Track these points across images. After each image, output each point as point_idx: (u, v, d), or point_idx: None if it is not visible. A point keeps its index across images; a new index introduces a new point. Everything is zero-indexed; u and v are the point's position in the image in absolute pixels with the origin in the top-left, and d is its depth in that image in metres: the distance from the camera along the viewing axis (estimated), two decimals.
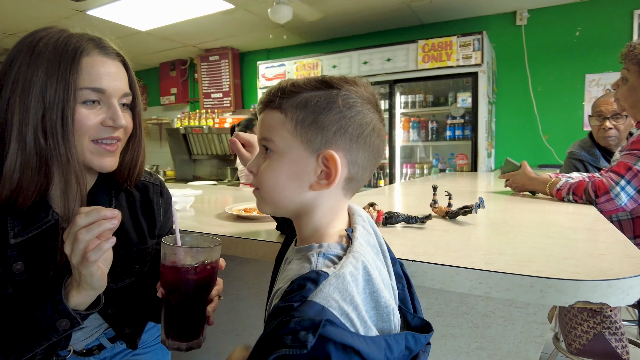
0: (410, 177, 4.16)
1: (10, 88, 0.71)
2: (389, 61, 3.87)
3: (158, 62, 6.05)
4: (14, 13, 4.04)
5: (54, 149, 0.72)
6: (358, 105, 0.59)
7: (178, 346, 0.71)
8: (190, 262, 0.69)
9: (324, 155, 0.57)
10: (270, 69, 4.48)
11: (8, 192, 0.71)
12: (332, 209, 0.62)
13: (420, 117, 4.22)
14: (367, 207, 1.04)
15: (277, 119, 0.59)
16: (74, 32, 0.77)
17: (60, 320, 0.69)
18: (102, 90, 0.75)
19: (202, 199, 1.75)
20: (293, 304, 0.48)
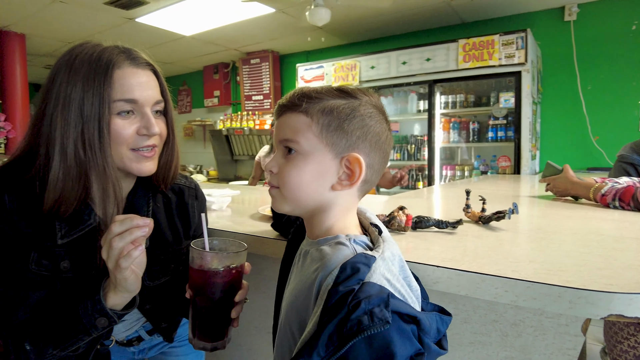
0: (451, 179, 4.07)
1: (53, 104, 0.76)
2: (428, 61, 3.81)
3: (202, 65, 6.27)
4: (72, 24, 4.32)
5: (92, 160, 0.76)
6: (375, 115, 0.65)
7: (203, 346, 0.75)
8: (216, 266, 0.72)
9: (348, 158, 0.62)
10: (309, 71, 4.52)
11: (52, 202, 0.76)
12: (346, 207, 0.66)
13: (461, 117, 4.12)
14: (396, 210, 1.04)
15: (302, 122, 0.63)
16: (106, 45, 0.82)
17: (100, 318, 0.74)
18: (135, 101, 0.79)
19: (239, 199, 1.80)
20: (353, 287, 0.50)
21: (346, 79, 4.23)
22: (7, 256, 0.76)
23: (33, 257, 0.78)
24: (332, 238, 0.62)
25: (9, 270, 0.77)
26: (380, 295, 0.50)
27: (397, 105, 4.40)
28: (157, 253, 0.92)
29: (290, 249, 0.76)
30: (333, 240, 0.62)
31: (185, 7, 3.83)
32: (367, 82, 4.17)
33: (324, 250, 0.61)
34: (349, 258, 0.55)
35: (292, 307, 0.62)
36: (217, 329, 0.75)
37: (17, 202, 0.77)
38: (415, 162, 4.32)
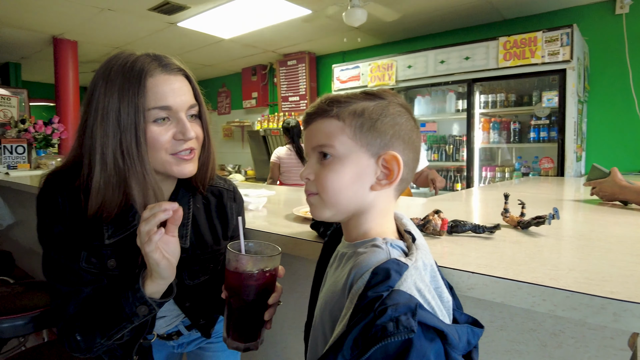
0: (490, 181, 3.95)
1: (93, 116, 0.80)
2: (467, 60, 3.72)
3: (240, 67, 6.41)
4: (119, 30, 4.54)
5: (131, 168, 0.80)
6: (403, 113, 0.65)
7: (237, 346, 0.77)
8: (250, 268, 0.74)
9: (385, 157, 0.63)
10: (345, 72, 4.52)
11: (95, 209, 0.81)
12: (384, 210, 0.67)
13: (502, 117, 3.99)
14: (431, 214, 1.03)
15: (335, 126, 0.64)
16: (139, 54, 0.84)
17: (140, 306, 0.77)
18: (169, 107, 0.81)
19: (275, 200, 1.83)
20: (382, 293, 0.51)
21: (382, 78, 4.20)
22: (61, 254, 0.82)
23: (83, 256, 0.83)
24: (369, 241, 0.63)
25: (63, 267, 0.82)
26: (408, 304, 0.50)
27: (435, 104, 4.33)
28: (197, 253, 0.95)
29: (327, 250, 0.77)
30: (369, 243, 0.62)
31: (225, 10, 3.93)
32: (404, 81, 4.13)
33: (359, 253, 0.61)
34: (382, 262, 0.56)
35: (326, 307, 0.63)
36: (250, 330, 0.77)
37: (68, 205, 0.82)
38: (454, 163, 4.23)
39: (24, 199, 3.44)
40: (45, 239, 0.83)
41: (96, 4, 3.80)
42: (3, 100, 4.99)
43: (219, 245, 1.00)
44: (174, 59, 0.86)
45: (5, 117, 4.93)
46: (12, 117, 4.88)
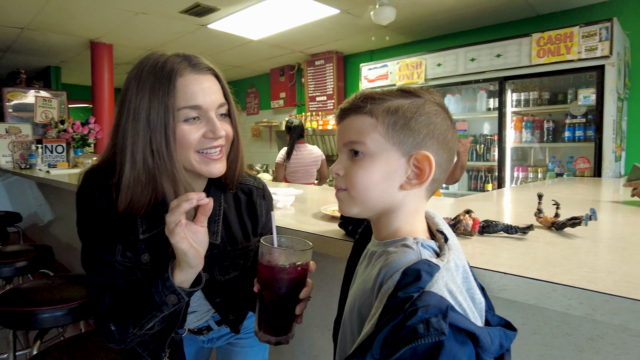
0: (523, 182, 3.85)
1: (125, 116, 0.82)
2: (498, 57, 3.63)
3: (269, 68, 6.47)
4: (152, 32, 4.67)
5: (162, 166, 0.81)
6: (440, 112, 0.64)
7: (268, 339, 0.78)
8: (283, 262, 0.74)
9: (416, 156, 0.61)
10: (373, 71, 4.50)
11: (124, 205, 0.83)
12: (415, 209, 0.65)
13: (535, 116, 3.88)
14: (462, 214, 1.01)
15: (367, 123, 0.63)
16: (169, 54, 0.85)
17: (169, 295, 0.79)
18: (199, 107, 0.82)
19: (302, 198, 1.84)
20: (412, 294, 0.50)
21: (411, 77, 4.15)
22: (99, 247, 0.86)
23: (119, 249, 0.86)
24: (399, 240, 0.62)
25: (100, 260, 0.85)
26: (439, 305, 0.49)
27: (465, 103, 4.24)
28: (227, 249, 0.97)
29: (357, 249, 0.77)
30: (400, 243, 0.61)
31: (254, 11, 3.98)
32: (433, 79, 4.07)
33: (389, 252, 0.60)
34: (412, 263, 0.55)
35: (355, 306, 0.63)
36: (281, 324, 0.78)
37: (105, 200, 0.85)
38: (484, 163, 4.13)
39: (62, 196, 3.59)
40: (84, 232, 0.87)
41: (130, 7, 3.92)
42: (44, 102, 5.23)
43: (249, 242, 1.02)
44: (204, 59, 0.87)
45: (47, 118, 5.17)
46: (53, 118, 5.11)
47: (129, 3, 3.80)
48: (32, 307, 1.49)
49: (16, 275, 2.16)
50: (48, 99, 5.26)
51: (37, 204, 4.69)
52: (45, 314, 1.49)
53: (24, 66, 5.94)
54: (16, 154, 4.79)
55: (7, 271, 2.12)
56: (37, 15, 4.14)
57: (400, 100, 0.64)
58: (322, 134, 5.27)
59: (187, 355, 1.07)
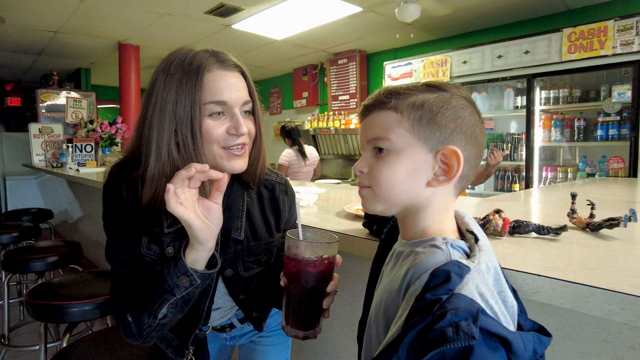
0: (551, 182, 3.73)
1: (152, 109, 0.83)
2: (527, 54, 3.53)
3: (292, 68, 6.49)
4: (177, 33, 4.74)
5: (187, 159, 0.82)
6: (467, 107, 0.62)
7: (296, 334, 0.77)
8: (309, 255, 0.74)
9: (444, 152, 0.59)
10: (397, 69, 4.45)
11: (149, 198, 0.84)
12: (443, 207, 0.63)
13: (565, 114, 3.75)
14: (491, 213, 0.98)
15: (392, 118, 0.62)
16: (198, 50, 0.86)
17: (181, 277, 0.76)
18: (224, 102, 0.83)
19: (326, 197, 1.83)
20: (441, 296, 0.49)
21: (436, 75, 4.09)
22: (123, 238, 0.86)
23: (144, 242, 0.86)
24: (428, 240, 0.60)
25: (124, 251, 0.86)
26: (469, 309, 0.47)
27: (492, 101, 4.14)
28: (251, 245, 0.97)
29: (383, 248, 0.75)
30: (428, 243, 0.59)
31: (277, 11, 3.99)
32: (459, 77, 3.99)
33: (416, 253, 0.58)
34: (442, 264, 0.53)
35: (380, 307, 0.61)
36: (309, 318, 0.77)
37: (131, 193, 0.86)
38: (512, 163, 4.03)
39: (91, 194, 3.69)
40: (109, 224, 0.88)
41: (157, 9, 3.99)
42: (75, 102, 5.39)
43: (272, 237, 1.01)
44: (231, 55, 0.88)
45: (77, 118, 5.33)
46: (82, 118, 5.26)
47: (156, 4, 3.87)
48: (62, 302, 1.53)
49: (48, 269, 2.23)
50: (78, 100, 5.42)
51: (67, 201, 4.84)
52: (74, 308, 1.53)
53: (56, 68, 6.15)
54: (48, 153, 4.95)
55: (39, 266, 2.19)
56: (69, 19, 4.27)
57: (425, 94, 0.62)
58: (345, 133, 5.25)
59: (210, 353, 1.07)
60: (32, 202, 6.13)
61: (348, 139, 5.37)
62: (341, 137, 5.42)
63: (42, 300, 1.54)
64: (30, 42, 5.13)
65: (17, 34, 4.81)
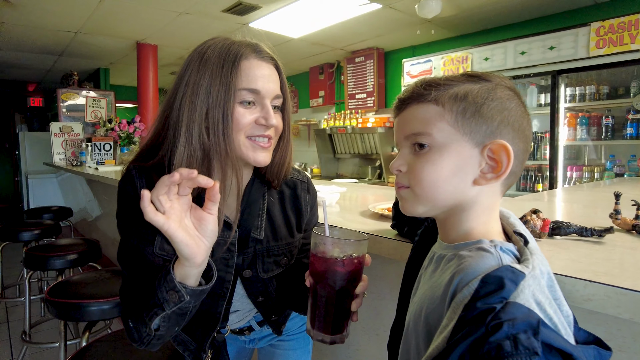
0: (577, 182, 3.61)
1: (183, 90, 0.81)
2: (551, 49, 3.42)
3: (308, 66, 6.45)
4: (194, 32, 4.75)
5: (215, 144, 0.78)
6: (513, 97, 0.58)
7: (322, 338, 0.72)
8: (338, 253, 0.69)
9: (491, 146, 0.55)
10: (416, 66, 4.37)
11: None
12: (489, 207, 0.58)
13: (591, 111, 3.63)
14: (529, 214, 0.92)
15: (433, 112, 0.57)
16: (235, 39, 0.85)
17: (170, 292, 0.70)
18: (257, 91, 0.80)
19: (346, 196, 1.79)
20: (495, 305, 0.44)
21: (456, 72, 3.99)
22: (135, 239, 0.82)
23: (157, 242, 0.82)
24: (473, 243, 0.55)
25: (135, 253, 0.82)
26: (528, 319, 0.42)
27: None
28: (271, 245, 0.93)
29: (419, 250, 0.70)
30: (474, 245, 0.54)
31: (295, 9, 3.96)
32: None
33: (462, 256, 0.53)
34: (492, 269, 0.48)
35: (421, 315, 0.56)
36: (336, 322, 0.73)
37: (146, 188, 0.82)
38: (535, 162, 3.91)
39: (109, 192, 3.71)
40: (123, 224, 0.84)
41: (175, 8, 4.00)
42: (94, 102, 5.46)
43: (293, 238, 0.97)
44: (267, 48, 0.87)
45: (96, 117, 5.40)
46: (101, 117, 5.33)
47: (174, 3, 3.88)
48: (81, 300, 1.52)
49: (67, 267, 2.23)
50: (97, 99, 5.49)
51: (86, 200, 4.89)
52: (93, 306, 1.52)
53: (76, 68, 6.23)
54: (68, 152, 5.02)
55: (59, 263, 2.20)
56: (89, 19, 4.31)
57: (468, 85, 0.57)
58: (362, 132, 5.19)
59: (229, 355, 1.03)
60: (52, 200, 6.23)
61: (365, 138, 5.30)
62: (358, 136, 5.36)
63: (62, 298, 1.53)
64: (52, 43, 5.20)
65: (39, 36, 4.89)
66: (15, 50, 5.61)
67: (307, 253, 1.01)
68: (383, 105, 5.53)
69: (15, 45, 5.32)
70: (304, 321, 1.14)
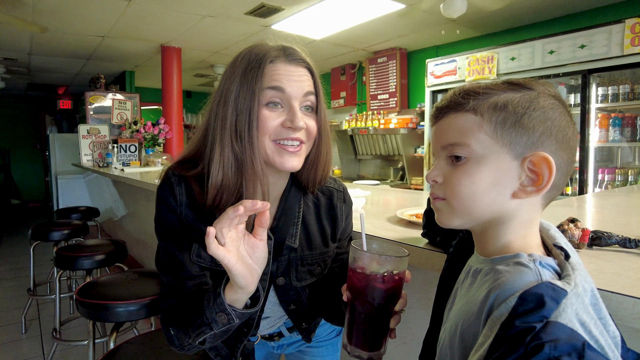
0: (608, 185, 3.48)
1: (217, 100, 0.81)
2: (582, 48, 3.31)
3: (330, 67, 6.44)
4: (217, 34, 4.80)
5: (243, 153, 0.78)
6: (557, 106, 0.55)
7: (359, 354, 0.71)
8: (378, 269, 0.67)
9: (532, 159, 0.52)
10: (440, 66, 4.30)
11: (213, 195, 0.79)
12: (528, 220, 0.56)
13: (624, 112, 3.49)
14: (566, 223, 0.88)
15: (471, 122, 0.55)
16: (267, 44, 0.83)
17: (219, 314, 0.72)
18: (282, 89, 0.78)
19: (371, 201, 1.76)
20: (534, 325, 0.42)
21: (482, 72, 3.92)
22: (174, 245, 0.83)
23: (195, 248, 0.83)
24: (511, 257, 0.52)
25: (173, 259, 0.83)
26: (572, 341, 0.40)
27: None
28: (305, 254, 0.92)
29: (454, 262, 0.68)
30: (512, 260, 0.52)
31: (318, 10, 3.95)
32: (506, 74, 3.81)
33: (499, 271, 0.51)
34: (531, 286, 0.45)
35: (456, 332, 0.54)
36: (374, 338, 0.71)
37: (186, 197, 0.82)
38: None
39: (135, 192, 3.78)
40: (161, 229, 0.85)
41: (198, 11, 4.04)
42: (120, 104, 5.57)
43: (327, 247, 0.96)
44: (300, 51, 0.84)
45: (121, 119, 5.51)
46: (127, 119, 5.43)
47: (197, 7, 3.92)
48: (110, 301, 1.54)
49: (95, 267, 2.28)
50: (123, 102, 5.60)
51: (112, 200, 5.00)
52: (120, 307, 1.54)
53: (103, 71, 6.39)
54: (95, 153, 5.14)
55: (87, 263, 2.25)
56: (116, 24, 4.40)
57: (508, 93, 0.54)
58: (384, 132, 5.14)
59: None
60: (80, 199, 6.41)
61: (387, 139, 5.26)
62: (380, 137, 5.32)
63: (91, 299, 1.56)
64: (81, 47, 5.34)
65: (68, 41, 5.03)
66: (47, 55, 5.79)
67: (340, 262, 0.99)
68: (406, 105, 5.47)
69: (47, 50, 5.49)
70: (333, 328, 1.13)
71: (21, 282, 4.01)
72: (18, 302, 3.47)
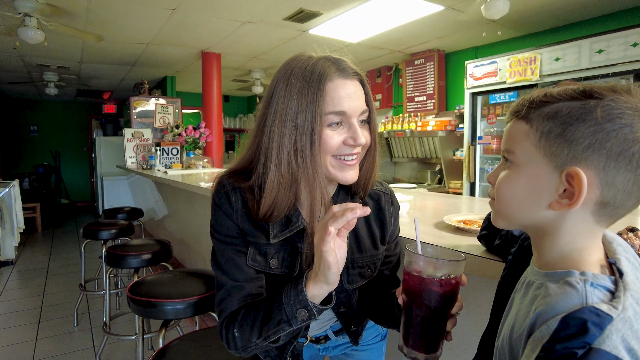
0: None
1: (272, 117, 0.83)
2: (635, 46, 3.16)
3: (365, 70, 6.35)
4: (256, 40, 4.90)
5: (303, 169, 0.81)
6: (625, 117, 0.49)
7: (415, 356, 0.72)
8: (435, 273, 0.69)
9: (568, 172, 0.51)
10: (479, 68, 4.21)
11: (267, 208, 0.83)
12: (581, 234, 0.54)
13: None
14: (624, 232, 0.85)
15: (521, 130, 0.56)
16: (317, 56, 0.85)
17: (300, 309, 0.76)
18: (344, 113, 0.81)
19: (415, 206, 1.75)
20: (576, 351, 0.41)
21: (524, 73, 3.81)
22: (230, 249, 0.87)
23: (250, 253, 0.86)
24: (563, 274, 0.51)
25: (231, 262, 0.87)
26: None
27: None
28: (356, 257, 0.94)
29: (512, 271, 0.68)
30: (562, 277, 0.51)
31: (355, 14, 3.96)
32: (550, 75, 3.68)
33: (547, 289, 0.50)
34: (574, 309, 0.44)
35: (506, 341, 0.55)
36: (431, 340, 0.72)
37: (240, 203, 0.86)
38: None
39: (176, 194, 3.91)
40: (218, 234, 0.89)
41: (238, 17, 4.14)
42: (162, 108, 5.78)
43: (377, 250, 0.97)
44: (351, 63, 0.86)
45: (164, 123, 5.72)
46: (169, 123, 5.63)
47: (238, 13, 4.02)
48: (159, 299, 1.61)
49: (142, 266, 2.38)
50: (165, 106, 5.81)
51: (154, 201, 5.19)
52: (168, 305, 1.60)
53: (146, 77, 6.65)
54: (139, 156, 5.36)
55: (135, 262, 2.35)
56: (160, 31, 4.58)
57: (564, 103, 0.52)
58: (420, 135, 5.08)
59: None
60: (123, 200, 6.70)
61: (424, 142, 5.19)
62: (417, 139, 5.26)
63: (141, 296, 1.63)
64: (127, 54, 5.59)
65: (115, 48, 5.27)
66: (96, 63, 6.09)
67: (389, 265, 1.00)
68: (444, 107, 5.39)
69: (96, 58, 5.78)
70: (379, 332, 1.14)
71: (71, 278, 4.24)
72: (69, 297, 3.67)
